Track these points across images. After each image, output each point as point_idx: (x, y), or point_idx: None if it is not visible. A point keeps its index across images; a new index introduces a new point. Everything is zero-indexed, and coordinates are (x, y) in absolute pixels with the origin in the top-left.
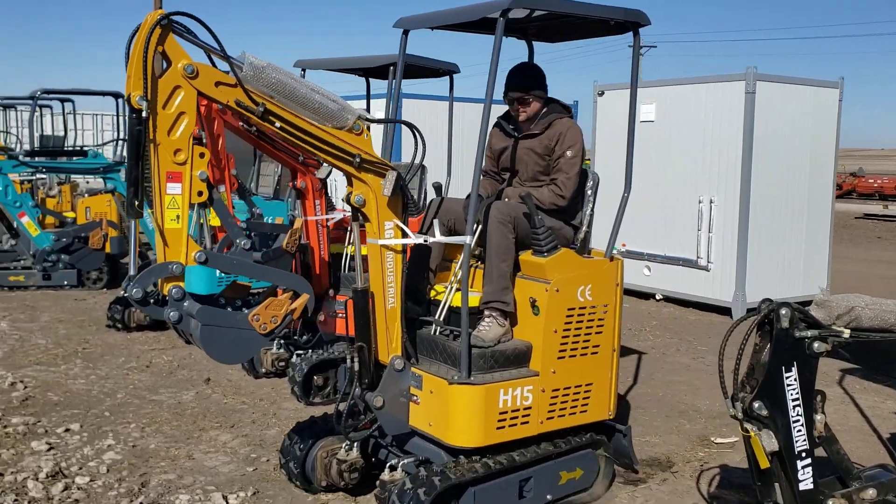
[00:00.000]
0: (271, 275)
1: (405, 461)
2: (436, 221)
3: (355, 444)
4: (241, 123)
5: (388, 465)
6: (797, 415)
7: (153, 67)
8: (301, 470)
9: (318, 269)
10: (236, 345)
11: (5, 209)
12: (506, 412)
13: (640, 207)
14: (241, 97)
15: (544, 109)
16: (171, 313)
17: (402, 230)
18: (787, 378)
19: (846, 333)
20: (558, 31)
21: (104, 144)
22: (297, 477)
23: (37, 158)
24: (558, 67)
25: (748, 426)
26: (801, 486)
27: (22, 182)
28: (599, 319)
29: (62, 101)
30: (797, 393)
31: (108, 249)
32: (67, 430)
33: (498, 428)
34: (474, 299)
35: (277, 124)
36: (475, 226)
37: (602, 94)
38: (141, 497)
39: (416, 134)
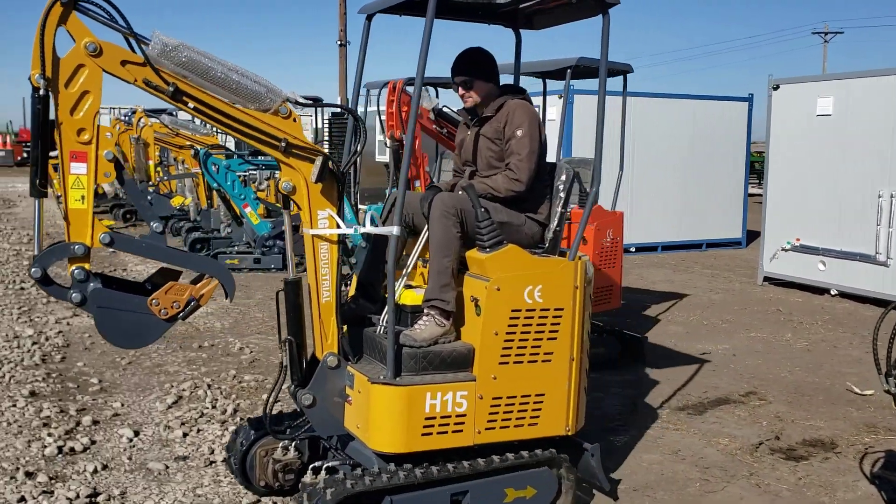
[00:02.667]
0: (183, 258)
1: (328, 464)
2: (369, 213)
3: (293, 444)
4: (433, 126)
5: (310, 467)
6: None
7: (54, 46)
8: (241, 468)
9: None
10: (134, 329)
11: (232, 200)
12: (433, 418)
13: (815, 202)
14: (149, 76)
15: (498, 94)
16: (74, 295)
17: (336, 220)
18: None
19: None
20: (533, 17)
21: None
22: (237, 474)
23: (253, 158)
24: (727, 59)
25: None
26: None
27: (241, 177)
28: (552, 324)
29: (323, 107)
30: None
31: None
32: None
33: (424, 434)
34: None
35: (191, 105)
36: (406, 217)
37: (777, 87)
38: None
39: (358, 121)
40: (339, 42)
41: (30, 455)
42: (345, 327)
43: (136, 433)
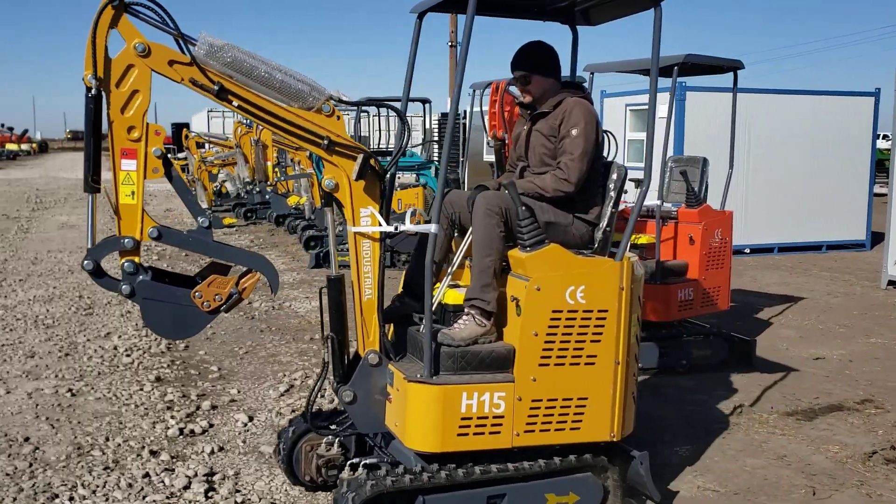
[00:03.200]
0: (229, 253)
1: (366, 461)
2: (408, 212)
3: (337, 440)
4: None
5: (348, 463)
6: None
7: (106, 48)
8: (288, 460)
9: None
10: (177, 321)
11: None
12: (470, 418)
13: None
14: (195, 76)
15: (557, 90)
16: (124, 287)
17: (377, 218)
18: None
19: None
20: (588, 12)
21: (417, 146)
22: (284, 465)
23: None
24: (853, 51)
25: None
26: None
27: None
28: (596, 326)
29: (378, 107)
30: None
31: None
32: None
33: (459, 434)
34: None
35: (235, 103)
36: (453, 216)
37: None
38: None
39: (403, 121)
40: (449, 43)
41: (154, 435)
42: (391, 327)
43: (251, 418)
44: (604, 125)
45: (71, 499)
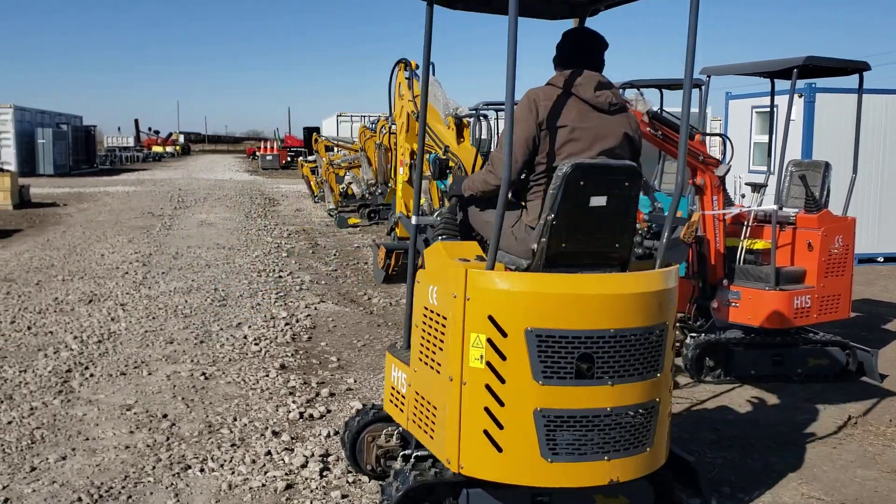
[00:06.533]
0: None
1: (418, 453)
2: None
3: (397, 431)
4: (647, 129)
5: (401, 454)
6: None
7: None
8: (352, 448)
9: (712, 259)
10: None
11: (444, 195)
12: (395, 389)
13: None
14: (412, 109)
15: None
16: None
17: None
18: None
19: None
20: None
21: None
22: (348, 456)
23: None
24: None
25: None
26: None
27: None
28: (438, 332)
29: (496, 110)
30: None
31: None
32: None
33: (390, 401)
34: None
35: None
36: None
37: None
38: None
39: (487, 123)
40: None
41: (277, 417)
42: None
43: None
44: (728, 127)
45: (202, 470)
